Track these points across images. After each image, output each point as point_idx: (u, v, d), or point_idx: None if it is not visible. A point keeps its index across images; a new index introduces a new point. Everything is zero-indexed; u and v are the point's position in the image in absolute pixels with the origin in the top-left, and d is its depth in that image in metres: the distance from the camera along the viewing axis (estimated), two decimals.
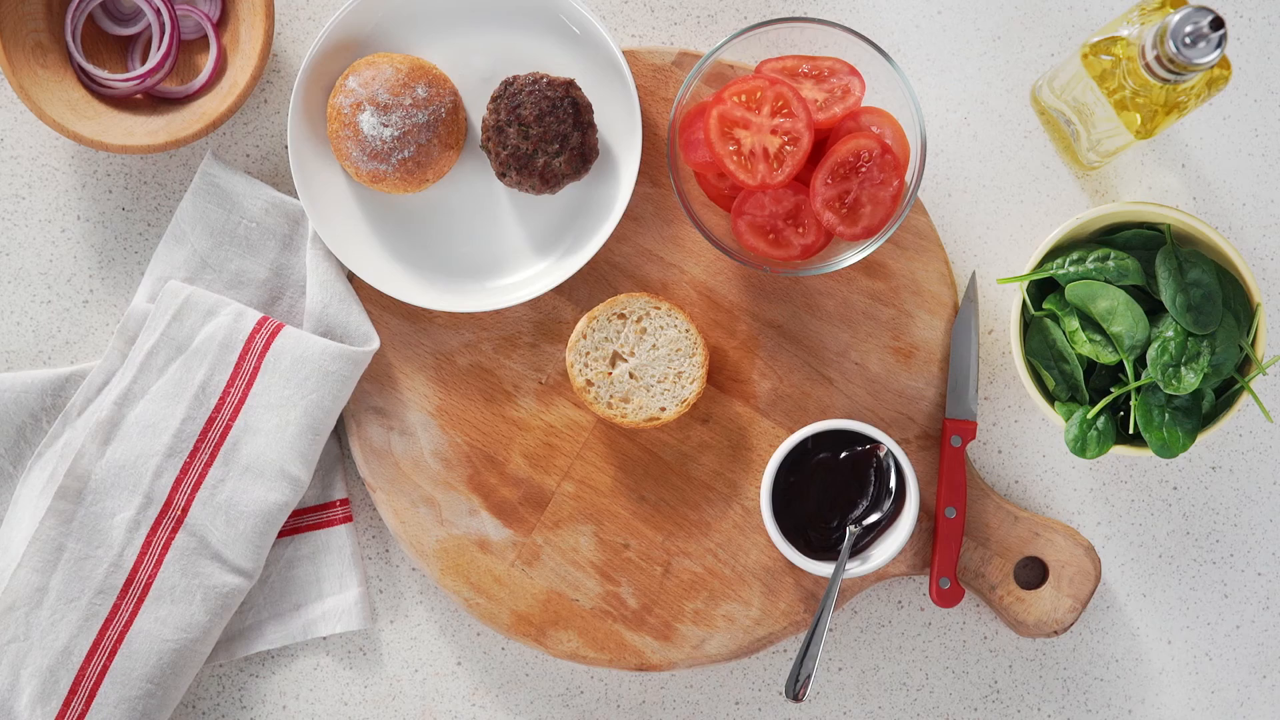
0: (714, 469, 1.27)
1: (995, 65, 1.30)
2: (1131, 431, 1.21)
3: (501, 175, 1.20)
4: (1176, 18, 1.08)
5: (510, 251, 1.27)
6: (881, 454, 1.22)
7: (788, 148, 1.18)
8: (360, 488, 1.29)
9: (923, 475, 1.27)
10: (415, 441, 1.26)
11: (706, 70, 1.21)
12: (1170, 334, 1.18)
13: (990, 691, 1.29)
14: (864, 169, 1.19)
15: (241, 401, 1.23)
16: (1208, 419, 1.21)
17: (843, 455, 1.22)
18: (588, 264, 1.27)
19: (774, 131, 1.18)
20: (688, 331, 1.22)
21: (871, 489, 1.22)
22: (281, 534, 1.27)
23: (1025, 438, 1.29)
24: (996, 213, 1.30)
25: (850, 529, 1.21)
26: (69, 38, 1.25)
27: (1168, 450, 1.19)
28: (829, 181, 1.19)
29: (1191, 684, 1.30)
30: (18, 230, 1.29)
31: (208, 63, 1.26)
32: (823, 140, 1.21)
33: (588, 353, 1.22)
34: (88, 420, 1.24)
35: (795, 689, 1.19)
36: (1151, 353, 1.18)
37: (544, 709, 1.29)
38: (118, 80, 1.25)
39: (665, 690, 1.29)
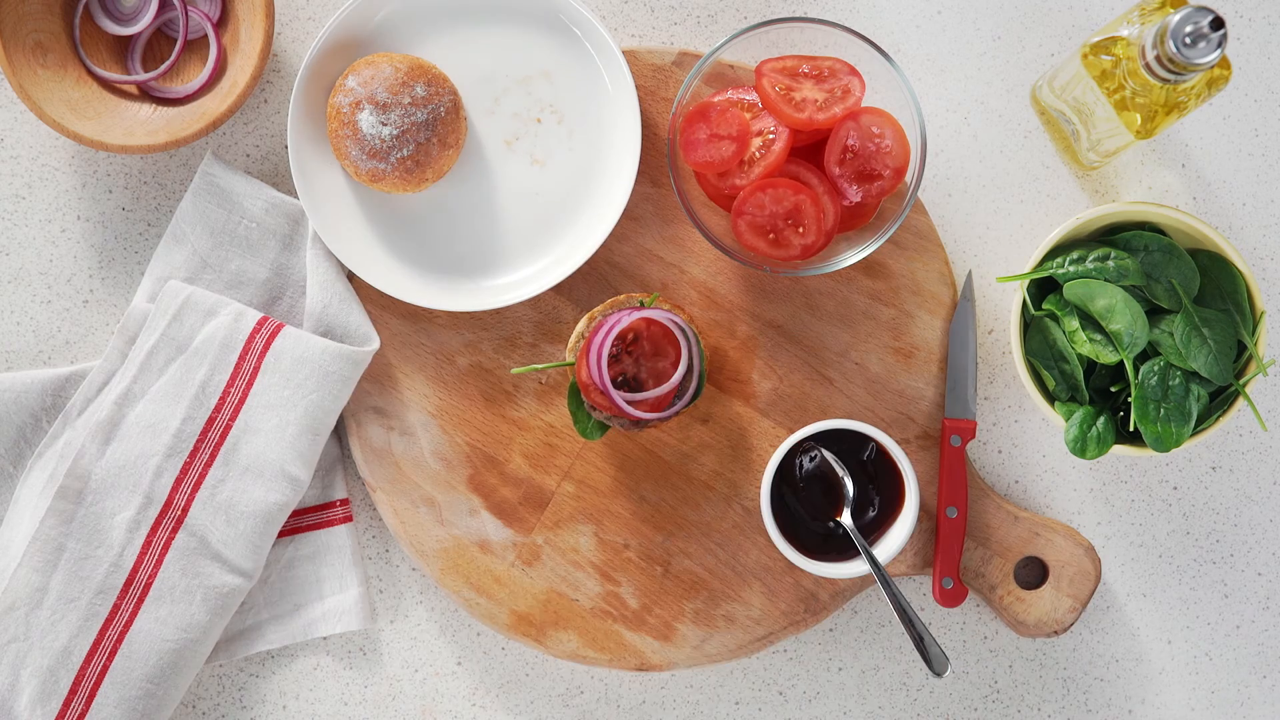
0: (714, 469, 1.27)
1: (995, 65, 1.30)
2: (1131, 429, 1.21)
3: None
4: (1176, 18, 1.08)
5: (510, 251, 1.27)
6: (881, 454, 1.22)
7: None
8: (360, 488, 1.29)
9: (923, 475, 1.27)
10: (415, 441, 1.26)
11: (706, 70, 1.21)
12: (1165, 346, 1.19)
13: (990, 691, 1.29)
14: (862, 145, 1.20)
15: (241, 401, 1.23)
16: (1204, 416, 1.21)
17: (843, 455, 1.22)
18: (587, 264, 1.27)
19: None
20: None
21: (870, 488, 1.22)
22: (281, 534, 1.27)
23: (1025, 438, 1.29)
24: (996, 213, 1.30)
25: (848, 522, 1.21)
26: (74, 35, 1.25)
27: (1163, 444, 1.19)
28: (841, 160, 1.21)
29: (1191, 684, 1.30)
30: (18, 230, 1.29)
31: (208, 63, 1.26)
32: (822, 142, 1.22)
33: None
34: (88, 420, 1.24)
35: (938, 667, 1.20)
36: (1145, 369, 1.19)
37: (544, 709, 1.29)
38: (128, 80, 1.26)
39: (665, 690, 1.29)
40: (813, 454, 1.22)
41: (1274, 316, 1.30)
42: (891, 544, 1.21)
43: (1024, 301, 1.22)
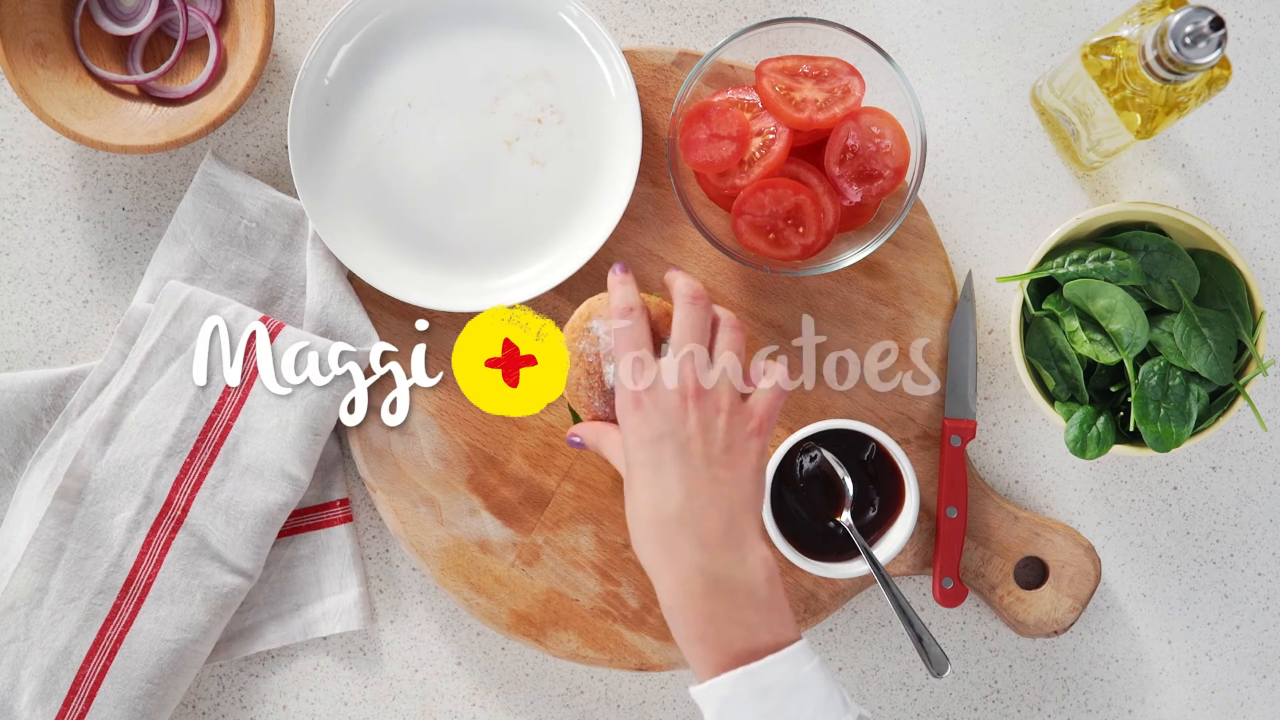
0: None
1: (995, 65, 1.30)
2: (1131, 429, 1.21)
3: None
4: (1176, 18, 1.08)
5: (510, 251, 1.27)
6: (881, 454, 1.22)
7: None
8: (360, 488, 1.29)
9: (923, 475, 1.27)
10: (415, 441, 1.26)
11: (706, 70, 1.21)
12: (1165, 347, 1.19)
13: (990, 691, 1.29)
14: (862, 144, 1.20)
15: (241, 401, 1.23)
16: (1204, 416, 1.21)
17: (843, 455, 1.22)
18: (588, 264, 1.27)
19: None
20: None
21: (870, 488, 1.22)
22: (281, 534, 1.27)
23: (1025, 438, 1.29)
24: (996, 213, 1.30)
25: (848, 522, 1.21)
26: (75, 35, 1.25)
27: (1163, 444, 1.19)
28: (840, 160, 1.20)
29: (1191, 684, 1.30)
30: (18, 230, 1.29)
31: (208, 63, 1.26)
32: (822, 142, 1.22)
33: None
34: (88, 420, 1.24)
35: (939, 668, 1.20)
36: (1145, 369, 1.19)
37: (544, 709, 1.29)
38: (128, 80, 1.26)
39: (665, 690, 1.29)
40: (813, 454, 1.22)
41: (1274, 316, 1.30)
42: (891, 544, 1.21)
43: (1024, 301, 1.22)
